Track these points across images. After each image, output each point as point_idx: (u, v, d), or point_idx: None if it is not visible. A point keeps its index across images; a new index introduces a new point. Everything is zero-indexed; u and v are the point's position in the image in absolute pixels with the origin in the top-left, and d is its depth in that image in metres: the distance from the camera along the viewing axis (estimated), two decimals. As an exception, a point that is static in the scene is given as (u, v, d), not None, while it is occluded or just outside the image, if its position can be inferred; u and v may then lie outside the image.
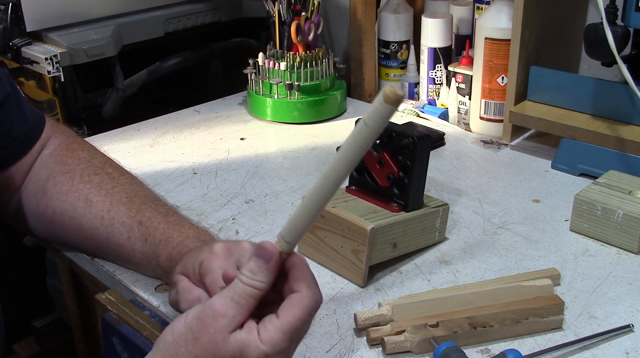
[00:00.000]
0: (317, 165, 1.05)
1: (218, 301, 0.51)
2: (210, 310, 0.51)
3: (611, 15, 0.89)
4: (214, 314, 0.50)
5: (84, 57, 1.20)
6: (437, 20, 1.17)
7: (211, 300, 0.51)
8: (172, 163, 1.06)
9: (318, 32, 1.21)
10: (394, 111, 0.45)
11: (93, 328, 1.00)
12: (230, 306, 0.50)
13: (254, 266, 0.51)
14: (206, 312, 0.51)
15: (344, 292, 0.73)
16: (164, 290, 0.73)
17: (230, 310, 0.50)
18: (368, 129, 0.46)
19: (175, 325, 0.52)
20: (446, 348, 0.60)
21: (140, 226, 0.72)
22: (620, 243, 0.80)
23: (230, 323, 0.50)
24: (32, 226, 0.79)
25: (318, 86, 1.21)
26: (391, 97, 0.44)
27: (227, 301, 0.51)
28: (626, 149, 0.93)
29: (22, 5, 1.17)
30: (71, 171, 0.77)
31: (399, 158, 0.76)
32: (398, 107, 0.45)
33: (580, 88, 1.00)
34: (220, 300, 0.51)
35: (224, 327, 0.50)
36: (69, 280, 0.99)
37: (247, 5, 1.47)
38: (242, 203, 0.93)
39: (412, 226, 0.77)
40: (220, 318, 0.50)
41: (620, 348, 0.64)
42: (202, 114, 1.26)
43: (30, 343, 1.54)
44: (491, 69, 1.09)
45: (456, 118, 1.19)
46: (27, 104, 0.79)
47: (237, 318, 0.50)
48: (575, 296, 0.72)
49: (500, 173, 1.01)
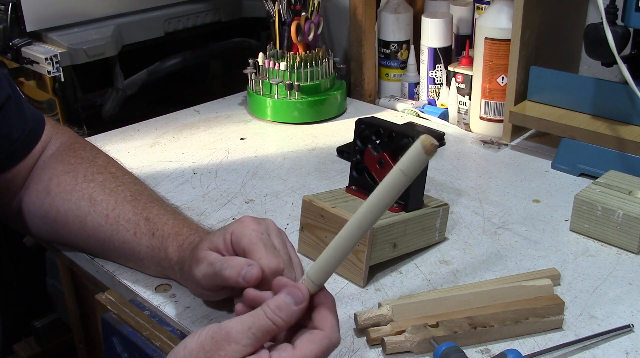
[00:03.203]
0: (317, 165, 1.05)
1: (235, 327, 0.51)
2: (225, 333, 0.51)
3: (611, 15, 0.89)
4: (228, 339, 0.51)
5: (84, 57, 1.20)
6: (437, 20, 1.18)
7: (229, 324, 0.52)
8: (172, 163, 1.06)
9: (318, 32, 1.21)
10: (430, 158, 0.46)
11: (93, 328, 1.00)
12: (246, 336, 0.51)
13: (282, 303, 0.52)
14: (221, 334, 0.51)
15: (344, 292, 0.73)
16: (163, 290, 0.73)
17: (245, 338, 0.51)
18: (405, 177, 0.47)
19: (189, 342, 0.52)
20: (446, 348, 0.60)
21: (147, 222, 0.72)
22: (620, 243, 0.80)
23: (241, 351, 0.51)
24: (34, 226, 0.79)
25: (318, 86, 1.21)
26: (429, 149, 0.45)
27: (244, 329, 0.51)
28: (626, 149, 0.93)
29: (22, 5, 1.17)
30: (74, 170, 0.77)
31: (398, 158, 0.76)
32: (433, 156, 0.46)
33: (580, 88, 1.00)
34: (238, 325, 0.51)
35: (234, 353, 0.50)
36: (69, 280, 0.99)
37: (247, 5, 1.47)
38: (242, 203, 0.93)
39: (412, 226, 0.77)
40: (233, 344, 0.50)
41: (620, 348, 0.64)
42: (202, 114, 1.26)
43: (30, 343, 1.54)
44: (491, 69, 1.09)
45: (456, 118, 1.19)
46: (27, 105, 0.79)
47: (248, 348, 0.51)
48: (575, 296, 0.72)
49: (500, 173, 1.01)
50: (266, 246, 0.61)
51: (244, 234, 0.62)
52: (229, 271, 0.60)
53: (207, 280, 0.63)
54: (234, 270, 0.60)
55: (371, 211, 0.49)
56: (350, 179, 0.82)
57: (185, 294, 0.72)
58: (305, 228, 0.79)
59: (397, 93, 1.30)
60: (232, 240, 0.63)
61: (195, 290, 0.68)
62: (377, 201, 0.49)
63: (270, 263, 0.60)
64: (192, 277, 0.65)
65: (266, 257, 0.60)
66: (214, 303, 0.70)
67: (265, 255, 0.60)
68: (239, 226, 0.64)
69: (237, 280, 0.59)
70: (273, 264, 0.60)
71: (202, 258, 0.63)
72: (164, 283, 0.74)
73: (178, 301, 0.72)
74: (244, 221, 0.64)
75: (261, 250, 0.61)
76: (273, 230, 0.66)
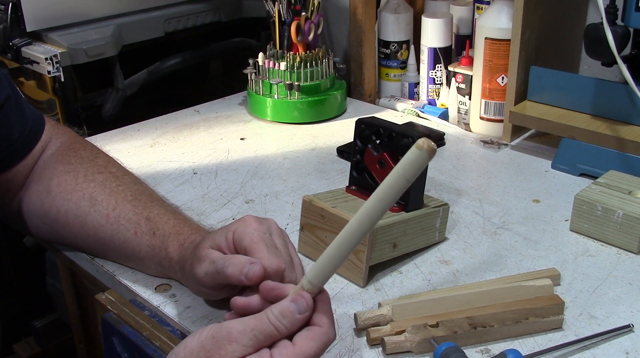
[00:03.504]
0: (317, 165, 1.05)
1: (237, 328, 0.51)
2: (226, 333, 0.51)
3: (611, 15, 0.89)
4: (229, 338, 0.51)
5: (84, 57, 1.20)
6: (437, 20, 1.18)
7: (231, 324, 0.52)
8: (172, 163, 1.06)
9: (318, 32, 1.21)
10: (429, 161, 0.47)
11: (93, 328, 1.00)
12: (247, 337, 0.51)
13: (287, 310, 0.52)
14: (222, 333, 0.51)
15: (344, 292, 0.73)
16: (163, 290, 0.73)
17: (246, 339, 0.51)
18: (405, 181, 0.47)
19: (189, 342, 0.52)
20: (446, 348, 0.60)
21: (148, 221, 0.72)
22: (620, 243, 0.80)
23: (242, 351, 0.51)
24: (34, 226, 0.79)
25: (318, 86, 1.21)
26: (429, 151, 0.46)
27: (246, 330, 0.51)
28: (626, 149, 0.93)
29: (22, 5, 1.17)
30: (75, 170, 0.77)
31: (399, 158, 0.76)
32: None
33: (580, 88, 1.00)
34: (240, 326, 0.51)
35: (235, 352, 0.51)
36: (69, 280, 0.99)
37: (247, 5, 1.47)
38: (242, 203, 0.93)
39: (412, 226, 0.77)
40: (234, 344, 0.51)
41: (620, 348, 0.64)
42: (202, 114, 1.26)
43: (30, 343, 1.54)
44: (491, 69, 1.09)
45: (456, 118, 1.19)
46: (27, 105, 0.79)
47: (249, 349, 0.51)
48: (575, 296, 0.72)
49: (500, 173, 1.01)
50: (268, 246, 0.62)
51: (246, 233, 0.63)
52: (231, 269, 0.60)
53: (209, 278, 0.63)
54: (236, 267, 0.60)
55: (370, 214, 0.50)
56: (350, 179, 0.82)
57: (185, 294, 0.72)
58: (305, 228, 0.79)
59: (397, 93, 1.30)
60: (234, 238, 0.63)
61: (196, 289, 0.68)
62: (376, 204, 0.49)
63: (271, 263, 0.60)
64: (194, 275, 0.65)
65: (268, 257, 0.60)
66: (214, 303, 0.70)
67: (266, 254, 0.61)
68: (241, 225, 0.64)
69: (239, 278, 0.59)
70: (274, 264, 0.60)
71: (204, 256, 0.63)
72: (164, 283, 0.74)
73: (178, 301, 0.72)
74: (246, 220, 0.64)
75: (263, 250, 0.61)
76: (275, 230, 0.66)
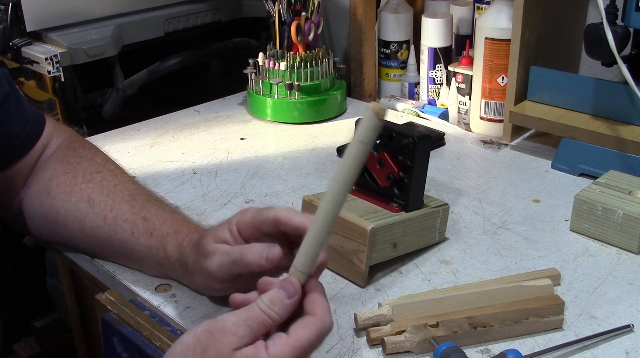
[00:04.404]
0: (317, 165, 1.05)
1: (231, 319, 0.52)
2: (221, 325, 0.51)
3: (611, 15, 0.89)
4: (224, 330, 0.51)
5: (84, 57, 1.20)
6: (437, 20, 1.17)
7: (224, 317, 0.52)
8: (172, 163, 1.06)
9: (318, 32, 1.21)
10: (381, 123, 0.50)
11: (93, 328, 1.00)
12: (242, 327, 0.51)
13: (276, 297, 0.52)
14: (217, 326, 0.51)
15: (344, 292, 0.73)
16: (163, 290, 0.73)
17: (241, 330, 0.51)
18: (364, 146, 0.50)
19: (185, 338, 0.52)
20: (446, 348, 0.60)
21: (145, 221, 0.72)
22: (620, 243, 0.80)
23: (238, 342, 0.51)
24: (34, 226, 0.79)
25: (318, 86, 1.21)
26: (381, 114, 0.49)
27: (240, 321, 0.51)
28: (626, 149, 0.93)
29: (22, 5, 1.17)
30: (73, 170, 0.77)
31: (399, 158, 0.76)
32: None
33: (580, 88, 1.00)
34: (234, 318, 0.52)
35: (231, 344, 0.51)
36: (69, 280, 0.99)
37: (247, 5, 1.47)
38: (242, 203, 0.93)
39: (412, 226, 0.77)
40: (229, 335, 0.51)
41: (620, 348, 0.64)
42: (202, 114, 1.26)
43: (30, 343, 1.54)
44: (491, 69, 1.09)
45: (456, 118, 1.19)
46: (27, 104, 0.79)
47: (245, 339, 0.51)
48: (575, 296, 0.72)
49: (500, 173, 1.01)
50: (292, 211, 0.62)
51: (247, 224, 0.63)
52: (251, 256, 0.60)
53: (223, 269, 0.63)
54: (255, 253, 0.60)
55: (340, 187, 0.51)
56: (350, 179, 0.82)
57: (186, 294, 0.72)
58: (305, 228, 0.79)
59: (397, 93, 1.30)
60: (238, 229, 0.64)
61: (203, 284, 0.68)
62: (343, 175, 0.51)
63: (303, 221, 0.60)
64: (204, 270, 0.65)
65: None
66: (214, 302, 0.70)
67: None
68: (242, 217, 0.64)
69: (259, 262, 0.60)
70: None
71: (213, 250, 0.64)
72: (164, 283, 0.74)
73: (178, 301, 0.72)
74: (247, 211, 0.65)
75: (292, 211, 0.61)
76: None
